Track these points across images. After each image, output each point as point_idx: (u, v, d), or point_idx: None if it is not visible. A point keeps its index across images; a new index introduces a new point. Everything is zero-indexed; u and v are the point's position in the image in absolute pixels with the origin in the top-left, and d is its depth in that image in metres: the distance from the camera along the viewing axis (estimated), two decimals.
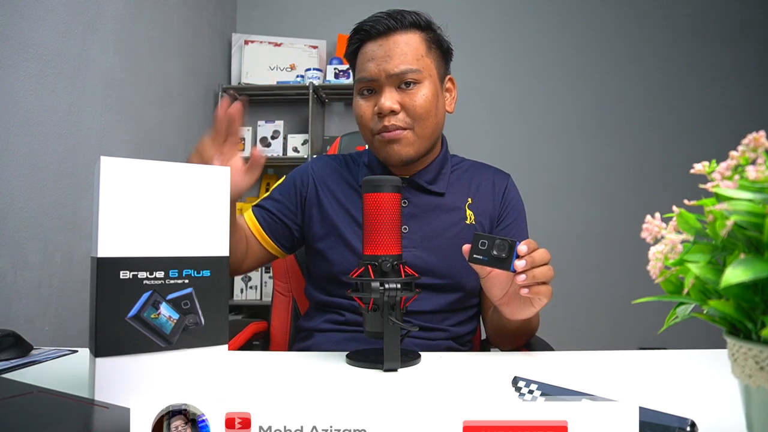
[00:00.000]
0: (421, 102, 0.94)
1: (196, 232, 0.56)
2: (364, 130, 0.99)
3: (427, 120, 0.96)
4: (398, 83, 0.94)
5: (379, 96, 0.95)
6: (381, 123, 0.95)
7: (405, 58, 0.94)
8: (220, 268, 0.57)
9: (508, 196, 1.08)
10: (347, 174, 1.07)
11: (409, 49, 0.94)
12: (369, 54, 0.95)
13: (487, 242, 0.73)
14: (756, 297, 0.34)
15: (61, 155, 1.68)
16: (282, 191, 1.07)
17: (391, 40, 0.94)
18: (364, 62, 0.96)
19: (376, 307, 0.74)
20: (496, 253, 0.73)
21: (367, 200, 0.76)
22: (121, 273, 0.51)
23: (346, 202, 1.03)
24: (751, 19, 2.98)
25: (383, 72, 0.93)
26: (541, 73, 3.04)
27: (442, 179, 1.04)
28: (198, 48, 2.69)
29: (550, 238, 2.99)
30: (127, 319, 0.52)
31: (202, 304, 0.56)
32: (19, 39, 1.51)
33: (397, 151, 0.95)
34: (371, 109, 0.96)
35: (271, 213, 1.04)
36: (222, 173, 0.58)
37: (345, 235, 0.99)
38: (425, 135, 0.97)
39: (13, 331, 0.80)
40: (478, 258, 0.74)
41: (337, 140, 1.42)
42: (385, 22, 0.94)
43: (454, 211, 1.02)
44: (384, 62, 0.93)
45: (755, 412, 0.37)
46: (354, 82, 1.01)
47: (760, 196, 0.33)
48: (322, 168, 1.08)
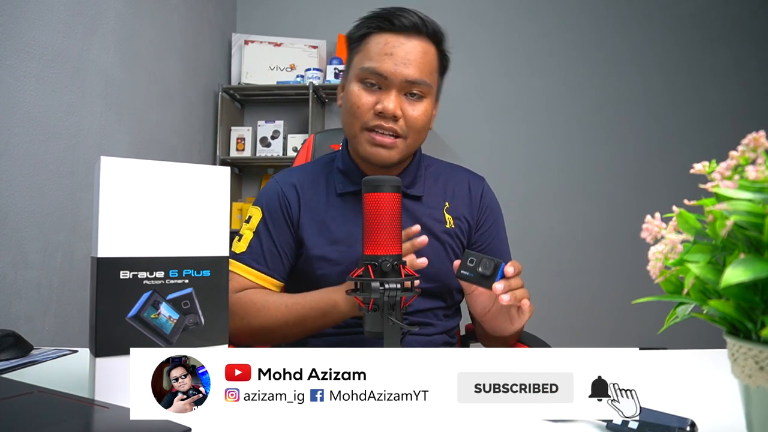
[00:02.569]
0: (420, 116, 0.94)
1: (196, 232, 0.56)
2: (354, 120, 0.94)
3: (421, 134, 0.96)
4: (406, 90, 0.92)
5: (383, 94, 0.92)
6: (377, 122, 0.92)
7: (423, 69, 0.92)
8: (220, 268, 0.57)
9: (485, 200, 1.08)
10: (323, 184, 1.02)
11: (426, 60, 0.93)
12: (388, 47, 0.91)
13: (475, 260, 0.77)
14: (756, 297, 0.34)
15: (61, 155, 1.68)
16: (268, 226, 0.99)
17: (412, 44, 0.92)
18: (380, 54, 0.91)
19: (376, 307, 0.74)
20: (481, 270, 0.77)
21: (366, 200, 0.76)
22: (121, 273, 0.51)
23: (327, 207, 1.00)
24: (751, 19, 2.98)
25: (400, 75, 0.91)
26: (541, 73, 3.04)
27: (418, 182, 1.03)
28: (198, 48, 2.69)
29: (550, 237, 3.00)
30: (127, 319, 0.52)
31: (202, 304, 0.56)
32: (19, 39, 1.51)
33: (383, 154, 0.94)
34: (371, 103, 0.92)
35: (278, 261, 0.97)
36: (222, 173, 0.58)
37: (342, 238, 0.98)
38: (413, 147, 0.97)
39: (13, 331, 0.80)
40: (465, 274, 0.78)
41: (310, 138, 1.35)
42: (412, 20, 0.91)
43: (433, 217, 1.02)
44: (403, 65, 0.91)
45: (755, 412, 0.37)
46: (351, 63, 0.97)
47: (760, 196, 0.33)
48: (293, 186, 1.02)
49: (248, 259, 0.96)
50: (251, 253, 0.97)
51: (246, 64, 2.97)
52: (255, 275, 0.96)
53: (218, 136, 2.83)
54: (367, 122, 0.93)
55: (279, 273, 0.98)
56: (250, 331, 0.90)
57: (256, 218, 1.00)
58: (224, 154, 2.86)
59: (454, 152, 2.89)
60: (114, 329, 0.51)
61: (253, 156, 2.90)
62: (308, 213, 0.99)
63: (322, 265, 0.98)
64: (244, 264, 0.96)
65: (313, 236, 0.98)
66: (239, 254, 0.97)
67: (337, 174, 1.02)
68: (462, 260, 0.78)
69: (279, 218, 0.99)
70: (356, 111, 0.93)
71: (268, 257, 0.97)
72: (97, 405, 0.48)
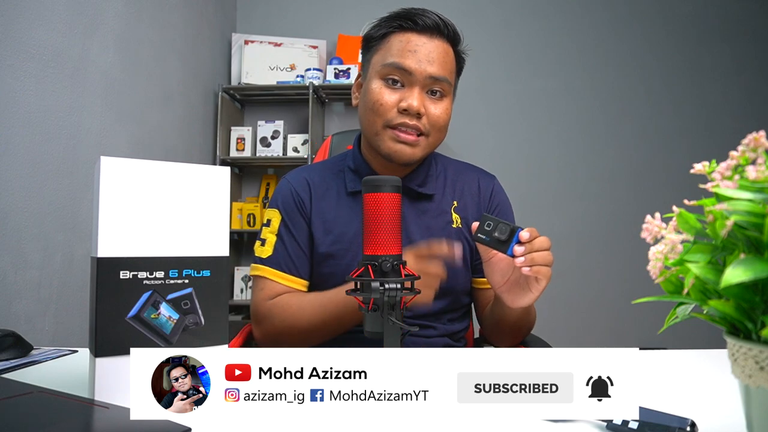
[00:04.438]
0: (443, 114, 0.95)
1: (196, 232, 0.56)
2: (376, 118, 0.94)
3: (442, 133, 0.97)
4: (428, 88, 0.93)
5: (407, 91, 0.92)
6: (401, 119, 0.92)
7: (445, 67, 0.94)
8: (220, 268, 0.57)
9: (495, 198, 1.07)
10: (334, 182, 1.03)
11: (448, 60, 0.95)
12: (411, 44, 0.92)
13: (492, 224, 0.77)
14: (756, 297, 0.34)
15: (61, 155, 1.68)
16: (289, 227, 0.99)
17: (434, 43, 0.93)
18: (404, 51, 0.92)
19: (376, 307, 0.74)
20: (497, 235, 0.76)
21: (367, 200, 0.76)
22: (121, 273, 0.51)
23: (337, 206, 1.00)
24: (751, 19, 2.98)
25: (424, 71, 0.91)
26: (541, 73, 3.04)
27: (430, 181, 1.03)
28: (198, 48, 2.69)
29: (550, 237, 2.98)
30: (127, 319, 0.52)
31: (202, 304, 0.56)
32: (19, 39, 1.51)
33: (409, 153, 0.94)
34: (395, 101, 0.92)
35: (303, 260, 0.98)
36: (222, 173, 0.58)
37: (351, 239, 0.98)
38: (434, 145, 0.97)
39: (13, 331, 0.80)
40: (481, 237, 0.77)
41: (328, 139, 1.37)
42: (436, 21, 0.93)
43: (442, 216, 1.02)
44: (427, 62, 0.92)
45: (755, 412, 0.37)
46: (369, 62, 0.97)
47: (760, 196, 0.33)
48: (304, 182, 1.03)
49: (277, 263, 0.97)
50: (279, 257, 0.98)
51: (246, 64, 2.97)
52: (286, 278, 0.97)
53: (218, 136, 2.83)
54: (390, 120, 0.93)
55: (306, 272, 0.99)
56: (290, 334, 0.91)
57: (276, 221, 1.00)
58: (224, 154, 2.86)
59: (454, 152, 2.89)
60: (114, 329, 0.51)
61: (253, 156, 2.90)
62: (318, 210, 1.00)
63: (329, 263, 0.98)
64: (273, 268, 0.97)
65: (321, 234, 0.99)
66: (266, 259, 0.98)
67: (348, 173, 1.02)
68: (479, 224, 0.78)
69: (296, 217, 1.00)
70: (379, 108, 0.93)
71: (295, 259, 0.98)
72: (97, 405, 0.48)
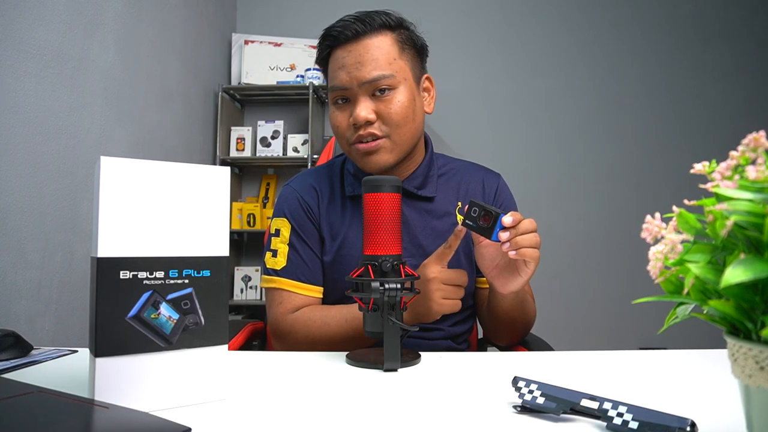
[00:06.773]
0: (396, 109, 0.91)
1: (196, 232, 0.56)
2: (341, 140, 0.96)
3: (404, 127, 0.93)
4: (372, 90, 0.91)
5: (353, 105, 0.92)
6: (356, 133, 0.92)
7: (377, 63, 0.90)
8: (220, 268, 0.57)
9: (500, 196, 1.07)
10: (336, 186, 1.03)
11: (380, 53, 0.91)
12: (339, 61, 0.92)
13: (477, 210, 0.78)
14: (756, 297, 0.34)
15: (61, 155, 1.68)
16: (300, 235, 1.00)
17: (360, 46, 0.91)
18: (335, 70, 0.93)
19: (376, 307, 0.74)
20: (482, 222, 0.78)
21: (367, 200, 0.76)
22: (121, 273, 0.51)
23: (341, 210, 1.01)
24: (751, 19, 2.98)
25: (355, 80, 0.90)
26: (541, 73, 3.04)
27: (430, 183, 1.02)
28: (198, 48, 2.69)
29: (550, 237, 2.98)
30: (127, 319, 0.51)
31: (202, 304, 0.56)
32: (19, 39, 1.51)
33: (375, 161, 0.93)
34: (347, 119, 0.93)
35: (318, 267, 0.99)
36: (222, 173, 0.58)
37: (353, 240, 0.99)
38: (403, 141, 0.94)
39: (13, 331, 0.80)
40: (468, 224, 0.79)
41: (331, 140, 1.39)
42: (353, 27, 0.91)
43: (445, 217, 1.01)
44: (355, 70, 0.90)
45: (755, 412, 0.37)
46: (327, 90, 0.97)
47: (760, 196, 0.33)
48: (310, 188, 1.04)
49: (293, 273, 0.97)
50: (294, 267, 0.98)
51: (246, 64, 2.97)
52: (303, 288, 0.97)
53: (218, 136, 2.83)
54: (349, 138, 0.94)
55: (320, 279, 1.00)
56: (313, 348, 0.90)
57: (285, 230, 1.00)
58: (224, 154, 2.87)
59: (454, 152, 2.89)
60: (114, 329, 0.51)
61: (253, 156, 2.90)
62: (326, 214, 1.01)
63: (336, 268, 0.99)
64: (290, 279, 0.97)
65: (329, 238, 1.00)
66: (281, 270, 0.98)
67: (348, 176, 1.03)
68: (468, 209, 0.78)
69: (306, 224, 1.00)
70: (337, 131, 0.96)
71: (311, 266, 0.99)
72: (97, 405, 0.48)
